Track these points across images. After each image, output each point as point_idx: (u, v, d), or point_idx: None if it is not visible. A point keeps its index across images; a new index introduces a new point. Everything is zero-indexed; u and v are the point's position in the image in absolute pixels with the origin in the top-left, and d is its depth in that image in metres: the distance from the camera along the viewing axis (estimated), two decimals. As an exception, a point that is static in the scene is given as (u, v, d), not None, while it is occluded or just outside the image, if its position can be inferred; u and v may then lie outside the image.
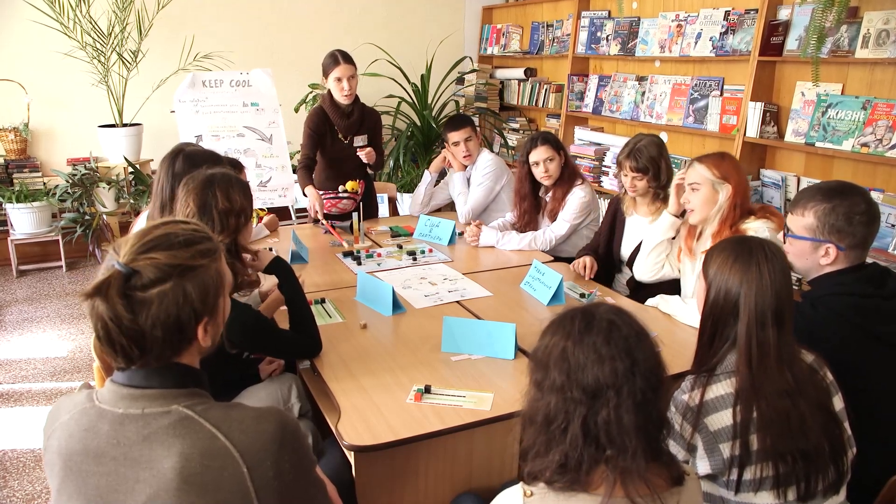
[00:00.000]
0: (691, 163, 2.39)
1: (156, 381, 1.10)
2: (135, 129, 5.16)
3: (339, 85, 3.44)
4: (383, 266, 2.94)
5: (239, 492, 1.04)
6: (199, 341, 1.14)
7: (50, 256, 5.24)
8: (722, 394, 1.42)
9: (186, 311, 1.08)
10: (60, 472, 1.10)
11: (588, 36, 5.11)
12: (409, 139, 5.53)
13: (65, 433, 1.11)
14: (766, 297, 1.43)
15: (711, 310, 1.51)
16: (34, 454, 2.91)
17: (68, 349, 3.89)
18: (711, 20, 4.06)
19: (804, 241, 1.79)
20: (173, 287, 1.07)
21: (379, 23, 6.01)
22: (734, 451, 1.37)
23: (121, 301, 1.04)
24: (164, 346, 1.09)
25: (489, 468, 1.78)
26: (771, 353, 1.41)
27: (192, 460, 1.03)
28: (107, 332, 1.06)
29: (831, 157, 3.41)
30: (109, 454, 1.07)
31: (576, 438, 1.07)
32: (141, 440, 1.06)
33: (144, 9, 5.02)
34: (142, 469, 1.05)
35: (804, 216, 1.78)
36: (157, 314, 1.06)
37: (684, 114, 4.26)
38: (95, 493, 1.07)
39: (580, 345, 1.09)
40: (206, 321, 1.13)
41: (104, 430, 1.08)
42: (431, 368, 1.99)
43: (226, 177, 1.94)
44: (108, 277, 1.05)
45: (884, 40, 3.10)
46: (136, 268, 1.06)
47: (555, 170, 3.19)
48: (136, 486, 1.05)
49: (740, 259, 1.47)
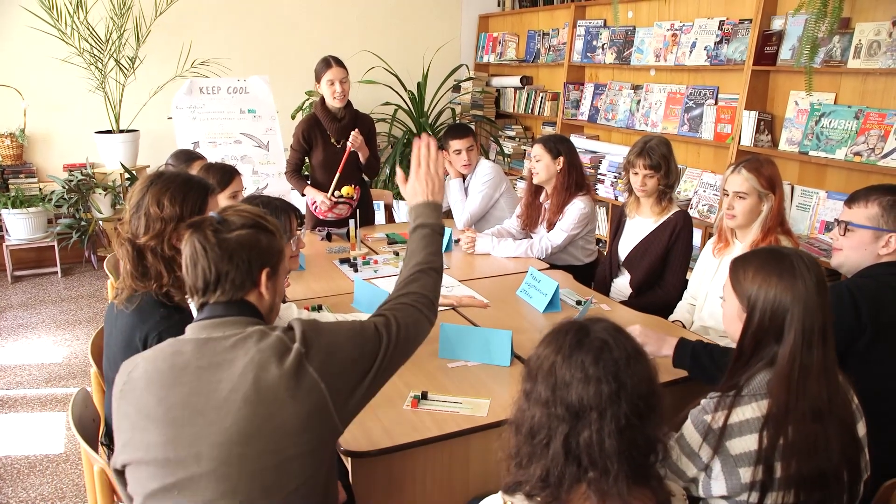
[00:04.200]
0: (736, 168, 2.36)
1: (234, 310, 1.32)
2: (131, 135, 5.16)
3: (331, 88, 3.47)
4: (380, 273, 2.94)
5: (300, 370, 1.24)
6: (261, 290, 1.35)
7: (45, 262, 5.24)
8: (748, 418, 1.36)
9: (256, 254, 1.33)
10: (143, 392, 1.26)
11: (584, 44, 5.15)
12: (405, 146, 5.55)
13: (150, 358, 1.30)
14: (815, 313, 1.36)
15: (756, 331, 1.41)
16: (28, 461, 2.90)
17: (63, 355, 3.88)
18: (706, 30, 4.09)
19: (867, 230, 1.83)
20: (250, 234, 1.33)
21: (376, 30, 6.04)
22: (756, 476, 1.32)
23: (211, 234, 1.30)
24: (235, 279, 1.31)
25: (486, 474, 1.78)
26: (812, 374, 1.34)
27: (264, 352, 1.25)
28: (195, 259, 1.30)
29: (825, 165, 3.44)
30: (193, 364, 1.25)
31: (557, 455, 1.05)
32: (222, 350, 1.26)
33: (142, 15, 5.03)
34: (223, 371, 1.24)
35: (867, 207, 1.83)
36: (235, 249, 1.30)
37: (679, 122, 4.29)
38: (177, 399, 1.23)
39: (568, 361, 1.07)
40: (269, 271, 1.35)
41: (189, 350, 1.28)
42: (428, 375, 2.00)
43: (169, 179, 1.83)
44: (204, 217, 1.34)
45: (875, 51, 3.13)
46: (226, 216, 1.34)
47: (541, 170, 3.21)
48: (218, 386, 1.23)
49: (785, 275, 1.38)
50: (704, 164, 4.30)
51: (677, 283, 2.81)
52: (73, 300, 4.71)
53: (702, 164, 4.32)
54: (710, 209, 4.06)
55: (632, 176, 2.85)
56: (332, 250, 3.28)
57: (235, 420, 1.20)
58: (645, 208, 2.92)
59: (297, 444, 1.22)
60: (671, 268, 2.83)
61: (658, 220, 2.87)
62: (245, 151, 4.45)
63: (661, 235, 2.83)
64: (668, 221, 2.83)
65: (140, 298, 1.72)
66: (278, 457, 1.21)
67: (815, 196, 3.47)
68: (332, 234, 3.52)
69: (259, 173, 4.48)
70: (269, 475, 1.21)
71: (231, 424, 1.20)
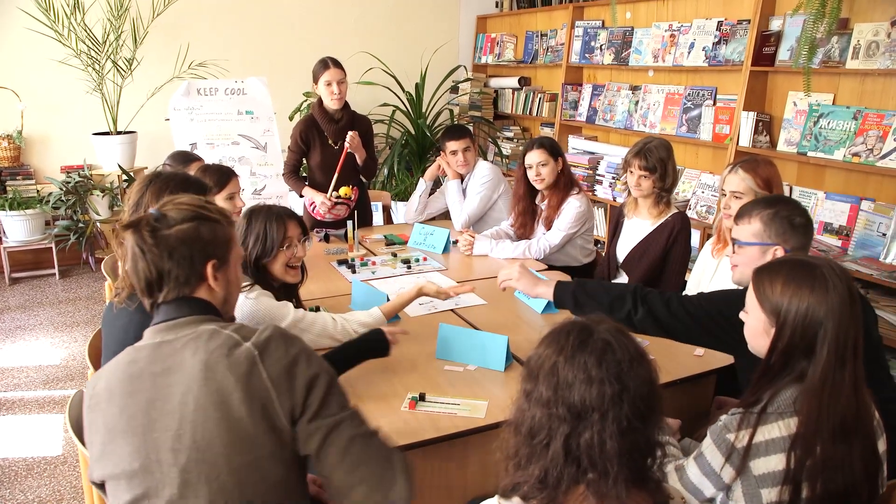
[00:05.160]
0: (733, 168, 2.37)
1: (185, 309, 1.30)
2: (129, 136, 5.15)
3: (328, 89, 3.46)
4: (378, 274, 2.94)
5: (252, 371, 1.21)
6: (209, 284, 1.32)
7: (43, 264, 5.22)
8: (775, 437, 1.30)
9: (198, 248, 1.30)
10: (108, 405, 1.25)
11: (582, 45, 5.15)
12: (403, 148, 5.55)
13: (111, 370, 1.29)
14: (849, 327, 1.30)
15: (787, 347, 1.34)
16: (26, 463, 2.89)
17: (61, 357, 3.87)
18: (704, 30, 4.09)
19: (753, 246, 1.82)
20: (189, 227, 1.29)
21: (374, 32, 6.04)
22: (781, 497, 1.28)
23: (147, 234, 1.26)
24: (179, 276, 1.29)
25: (484, 476, 1.78)
26: (844, 391, 1.29)
27: (215, 353, 1.22)
28: (135, 261, 1.28)
29: (823, 166, 3.44)
30: (148, 371, 1.24)
31: (557, 456, 1.05)
32: (173, 352, 1.25)
33: (139, 16, 5.02)
34: (174, 373, 1.22)
35: (750, 223, 1.83)
36: (175, 246, 1.27)
37: (678, 123, 4.29)
38: (137, 409, 1.22)
39: (571, 361, 1.06)
40: (215, 263, 1.32)
41: (143, 357, 1.27)
42: (426, 376, 1.99)
43: (167, 178, 1.88)
44: (141, 217, 1.29)
45: (874, 51, 3.13)
46: (164, 211, 1.30)
47: (548, 174, 3.20)
48: (171, 390, 1.21)
49: (817, 287, 1.32)
50: (703, 165, 4.30)
51: (676, 285, 2.81)
52: (71, 302, 4.70)
53: (700, 164, 4.32)
54: (708, 210, 4.05)
55: (628, 175, 2.86)
56: (329, 251, 3.27)
57: (190, 424, 1.18)
58: (643, 210, 2.92)
59: (243, 452, 1.19)
60: (669, 270, 2.83)
61: (656, 223, 2.86)
62: (243, 153, 4.45)
63: (659, 238, 2.82)
64: (666, 223, 2.83)
65: None
66: (236, 461, 1.18)
67: (814, 197, 3.47)
68: (329, 236, 3.52)
69: (257, 174, 4.47)
70: (227, 481, 1.18)
71: (185, 430, 1.18)
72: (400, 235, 3.51)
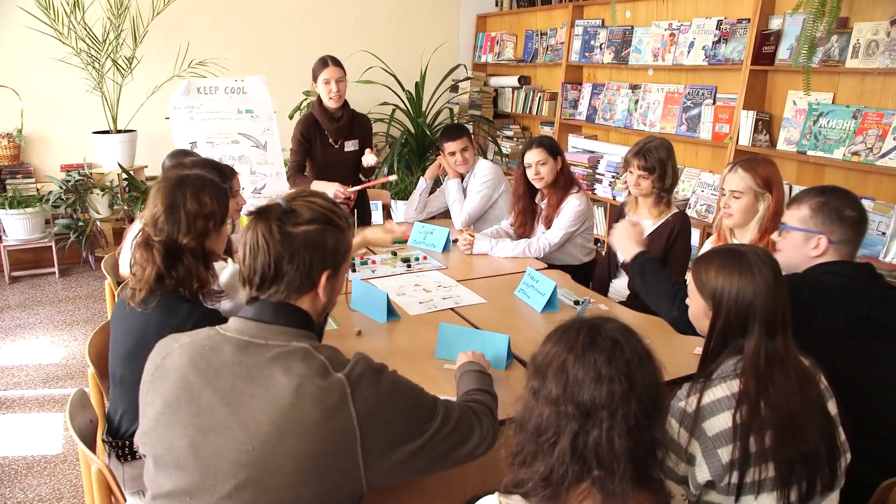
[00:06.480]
0: (733, 167, 2.37)
1: (282, 318, 1.25)
2: (129, 135, 5.15)
3: (327, 87, 3.46)
4: (378, 273, 2.94)
5: (341, 407, 1.16)
6: (318, 291, 1.29)
7: (43, 263, 5.23)
8: (720, 396, 1.40)
9: (319, 255, 1.26)
10: (174, 385, 1.21)
11: (582, 44, 5.15)
12: (403, 146, 5.55)
13: (187, 351, 1.24)
14: (776, 304, 1.43)
15: (724, 326, 1.48)
16: (26, 461, 2.90)
17: (61, 356, 3.87)
18: (704, 29, 4.09)
19: (797, 231, 1.84)
20: (316, 231, 1.25)
21: (374, 30, 6.04)
22: (733, 455, 1.35)
23: (276, 227, 1.23)
24: (294, 280, 1.25)
25: (484, 474, 1.78)
26: (777, 360, 1.41)
27: (308, 379, 1.16)
28: (255, 251, 1.23)
29: (823, 165, 3.44)
30: (229, 370, 1.19)
31: (563, 454, 1.05)
32: (262, 363, 1.19)
33: (139, 15, 5.02)
34: (257, 386, 1.17)
35: (799, 209, 1.85)
36: (298, 249, 1.24)
37: (677, 122, 4.29)
38: (206, 404, 1.18)
39: (581, 360, 1.07)
40: (329, 273, 1.29)
41: (227, 351, 1.21)
42: (426, 375, 1.99)
43: (199, 178, 1.87)
44: (271, 205, 1.26)
45: (873, 50, 3.13)
46: (294, 206, 1.26)
47: (547, 173, 3.19)
48: (249, 401, 1.16)
49: (745, 271, 1.46)
50: (702, 164, 4.30)
51: (675, 284, 2.81)
52: (71, 301, 4.70)
53: (700, 163, 4.32)
54: (708, 209, 4.06)
55: (628, 174, 2.86)
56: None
57: (261, 444, 1.13)
58: (643, 209, 2.92)
59: (307, 485, 1.14)
60: (670, 269, 2.82)
61: (656, 223, 2.86)
62: (243, 151, 4.44)
63: (660, 238, 2.82)
64: (666, 224, 2.83)
65: (159, 298, 1.70)
66: (296, 492, 1.14)
67: (813, 196, 3.47)
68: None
69: (257, 173, 4.47)
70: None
71: (255, 447, 1.14)
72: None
